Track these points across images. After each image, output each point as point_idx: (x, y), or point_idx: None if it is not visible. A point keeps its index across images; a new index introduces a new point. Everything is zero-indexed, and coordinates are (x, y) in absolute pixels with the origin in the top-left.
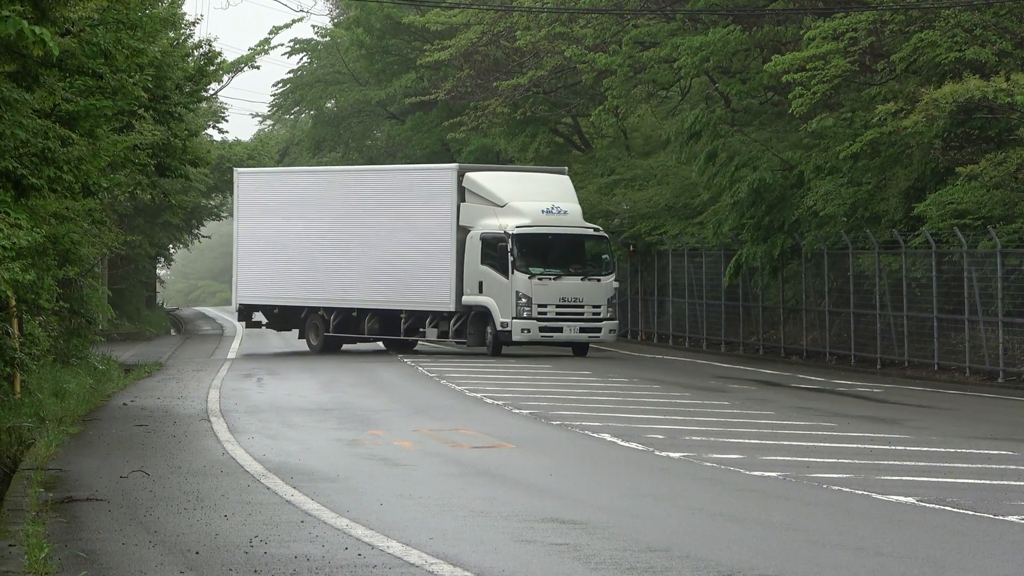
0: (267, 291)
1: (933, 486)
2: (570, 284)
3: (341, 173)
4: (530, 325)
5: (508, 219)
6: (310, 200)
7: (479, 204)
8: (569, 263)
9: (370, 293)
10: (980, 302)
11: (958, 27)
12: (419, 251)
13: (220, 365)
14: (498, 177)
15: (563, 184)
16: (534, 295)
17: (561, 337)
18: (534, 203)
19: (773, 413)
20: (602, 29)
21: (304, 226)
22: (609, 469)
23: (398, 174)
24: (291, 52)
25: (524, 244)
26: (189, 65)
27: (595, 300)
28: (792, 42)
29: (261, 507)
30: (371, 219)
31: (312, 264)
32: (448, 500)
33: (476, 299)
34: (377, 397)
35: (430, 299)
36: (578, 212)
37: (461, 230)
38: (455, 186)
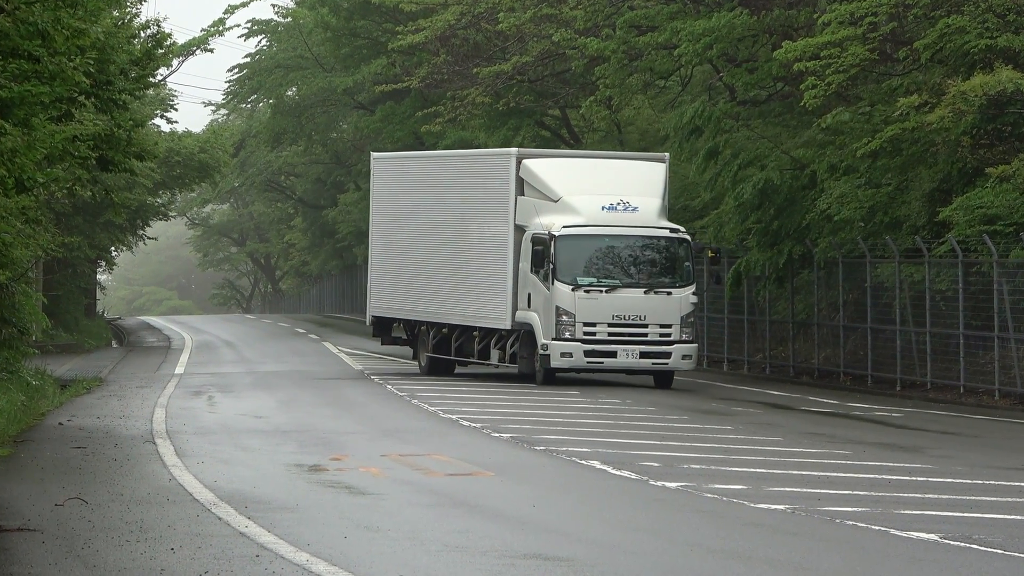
0: (393, 301)
1: (958, 521)
2: (628, 298)
3: (433, 159)
4: (572, 348)
5: (558, 217)
6: (419, 191)
7: (535, 198)
8: (631, 272)
9: (453, 306)
10: (1012, 317)
11: (989, 12)
12: (481, 255)
13: (167, 381)
14: (559, 165)
15: (647, 174)
16: (578, 311)
17: (614, 364)
18: (594, 197)
19: (781, 439)
20: (594, 11)
21: (413, 221)
22: (598, 500)
23: (455, 161)
24: (248, 34)
25: (569, 248)
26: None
27: (663, 318)
28: (805, 27)
29: (212, 539)
30: (441, 215)
31: (414, 268)
32: (419, 533)
33: (525, 315)
34: (341, 418)
35: (490, 314)
36: (655, 208)
37: (518, 230)
38: (513, 176)
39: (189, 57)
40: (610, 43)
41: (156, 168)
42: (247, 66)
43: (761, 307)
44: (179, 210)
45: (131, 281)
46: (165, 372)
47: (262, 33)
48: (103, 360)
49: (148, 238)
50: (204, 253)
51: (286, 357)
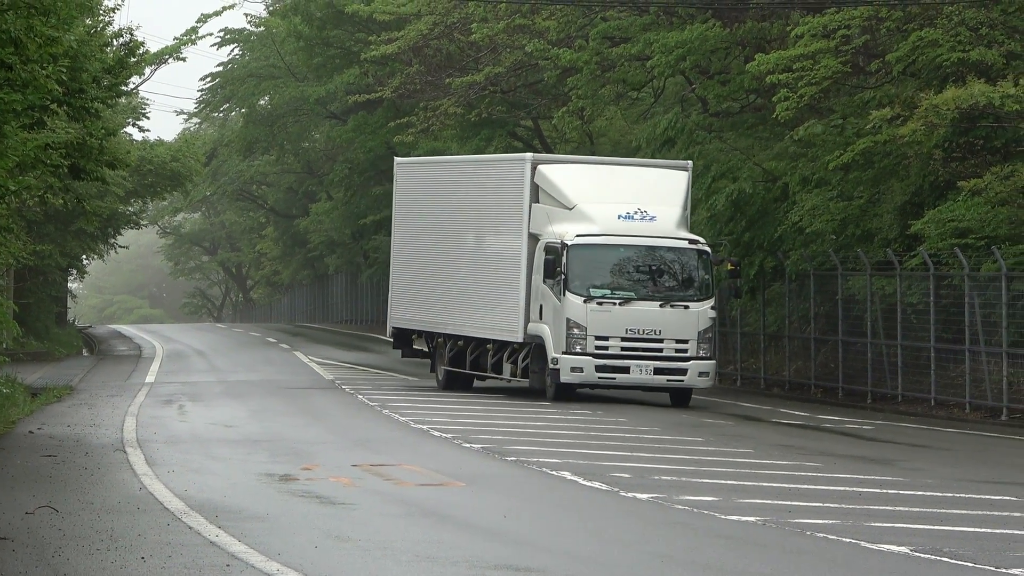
0: (412, 311)
1: (928, 534)
2: (643, 311)
3: (457, 164)
4: (583, 363)
5: (572, 225)
6: (437, 198)
7: (549, 206)
8: (647, 284)
9: (467, 317)
10: (983, 331)
11: (961, 25)
12: (495, 264)
13: (137, 390)
14: (575, 171)
15: (668, 182)
16: (590, 324)
17: (627, 380)
18: (610, 205)
19: (752, 451)
20: (567, 22)
21: (431, 228)
22: (569, 511)
23: (471, 167)
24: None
25: (582, 258)
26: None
27: (680, 332)
28: (778, 40)
29: (182, 548)
30: (457, 222)
31: (432, 277)
32: (390, 543)
33: (536, 327)
34: (312, 428)
35: (503, 326)
36: (674, 218)
37: (531, 238)
38: (527, 182)
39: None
40: (583, 54)
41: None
42: (219, 75)
43: (732, 319)
44: (151, 219)
45: (102, 290)
46: (136, 381)
47: (235, 42)
48: (74, 368)
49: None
50: (175, 262)
51: (257, 366)
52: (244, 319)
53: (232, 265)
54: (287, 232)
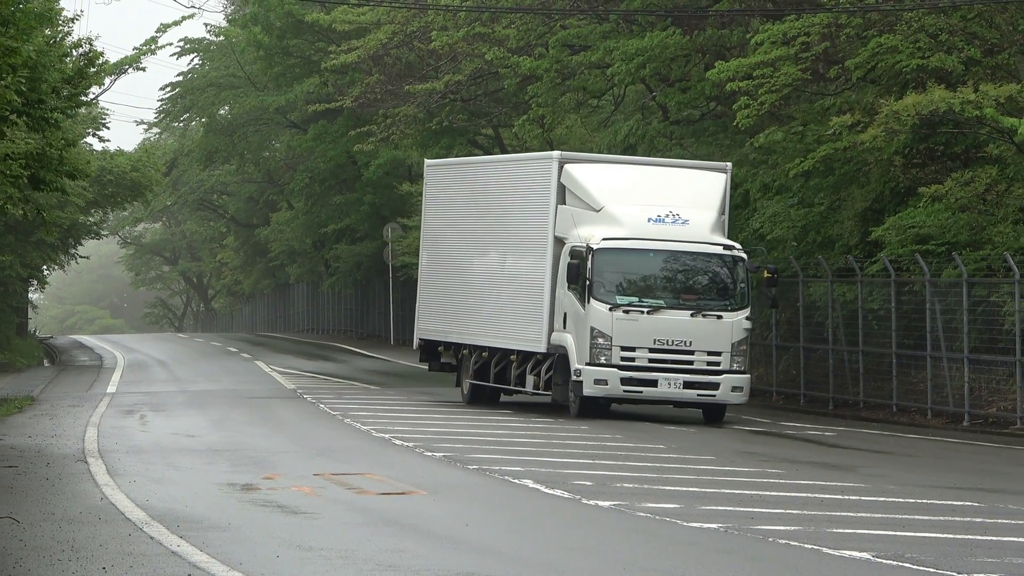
0: (438, 321)
1: (891, 540)
2: (672, 320)
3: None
4: (607, 375)
5: (599, 228)
6: (463, 201)
7: (576, 207)
8: (678, 292)
9: (491, 326)
10: (944, 337)
11: (921, 32)
12: (519, 270)
13: (99, 400)
14: (604, 171)
15: (703, 184)
16: (615, 333)
17: (654, 394)
18: (640, 208)
19: (714, 458)
20: (527, 30)
21: (457, 233)
22: (531, 519)
23: (497, 167)
24: (181, 53)
25: (608, 263)
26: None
27: (712, 344)
28: (738, 47)
29: (144, 558)
30: (482, 226)
31: (457, 284)
32: (352, 552)
33: (559, 336)
34: (274, 437)
35: (527, 336)
36: (708, 222)
37: (557, 242)
38: (554, 182)
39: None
40: (543, 62)
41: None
42: (179, 85)
43: None
44: (111, 229)
45: (63, 300)
46: (97, 391)
47: (194, 52)
48: (35, 379)
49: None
50: (136, 272)
51: (218, 376)
52: (205, 329)
53: (193, 275)
54: (248, 242)
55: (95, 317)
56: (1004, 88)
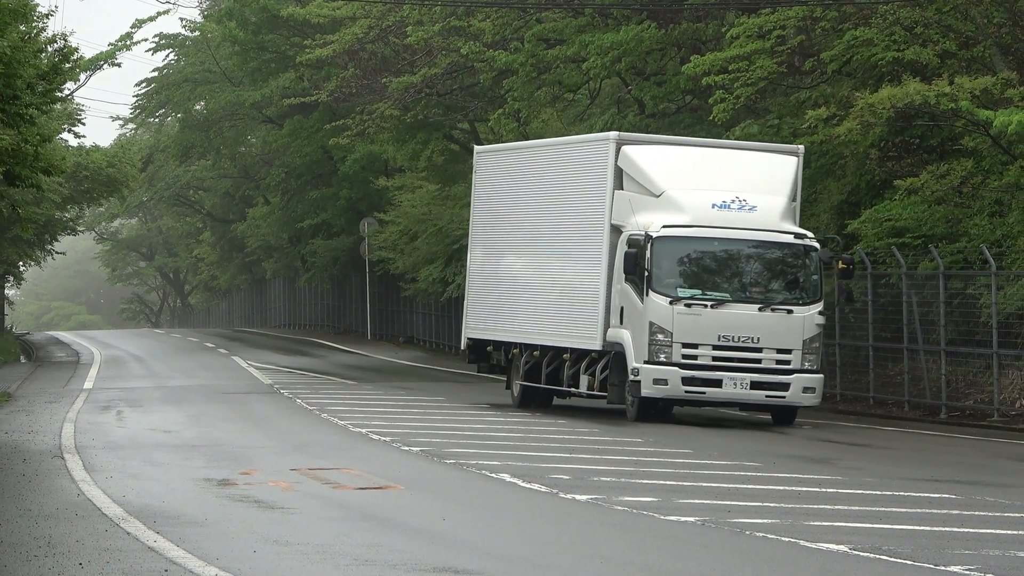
0: (487, 319)
1: (867, 532)
2: (738, 315)
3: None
4: (667, 374)
5: (659, 215)
6: (514, 189)
7: (634, 193)
8: (745, 284)
9: (543, 323)
10: (920, 329)
11: (896, 24)
12: (573, 261)
13: (76, 396)
14: (664, 154)
15: (773, 168)
16: (676, 329)
17: (719, 395)
18: (704, 193)
19: (691, 451)
20: (502, 24)
21: (507, 224)
22: (508, 513)
23: (550, 151)
24: (156, 48)
25: (669, 252)
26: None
27: (782, 341)
28: (713, 41)
29: (120, 554)
30: (534, 215)
31: (507, 279)
32: (329, 547)
33: (616, 332)
34: (251, 433)
35: (581, 333)
36: (778, 209)
37: (614, 231)
38: (610, 166)
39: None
40: (518, 56)
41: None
42: (155, 80)
43: None
44: (87, 225)
45: (40, 296)
46: (74, 387)
47: (170, 47)
48: (11, 375)
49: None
50: (113, 268)
51: (195, 372)
52: (182, 324)
53: (170, 270)
54: (224, 237)
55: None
56: (979, 81)
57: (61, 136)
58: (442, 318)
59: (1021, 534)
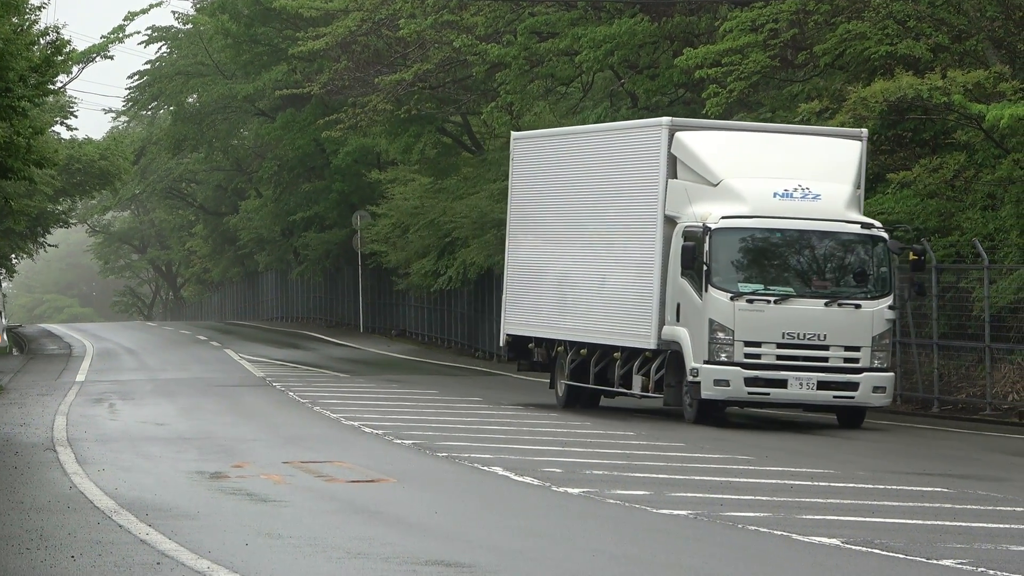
0: (528, 314)
1: (860, 526)
2: (804, 311)
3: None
4: (729, 375)
5: (717, 205)
6: (557, 177)
7: (690, 181)
8: (810, 277)
9: (591, 320)
10: (913, 323)
11: (889, 18)
12: (623, 254)
13: (68, 388)
14: (721, 140)
15: (836, 154)
16: (738, 326)
17: (784, 396)
18: (764, 181)
19: (683, 445)
20: (495, 17)
21: (550, 214)
22: (501, 506)
23: (598, 137)
24: (148, 41)
25: (729, 245)
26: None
27: (850, 338)
28: (706, 34)
29: (113, 547)
30: (580, 205)
31: (550, 272)
32: (321, 540)
33: (672, 330)
34: (243, 425)
35: (633, 330)
36: (843, 197)
37: (668, 222)
38: (664, 153)
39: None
40: (511, 49)
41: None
42: (147, 73)
43: None
44: (80, 217)
45: (32, 288)
46: (66, 380)
47: (162, 40)
48: (3, 368)
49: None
50: (105, 260)
51: (188, 364)
52: (174, 317)
53: (162, 263)
54: (217, 230)
55: (64, 306)
56: (972, 74)
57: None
58: (434, 311)
59: (1013, 528)
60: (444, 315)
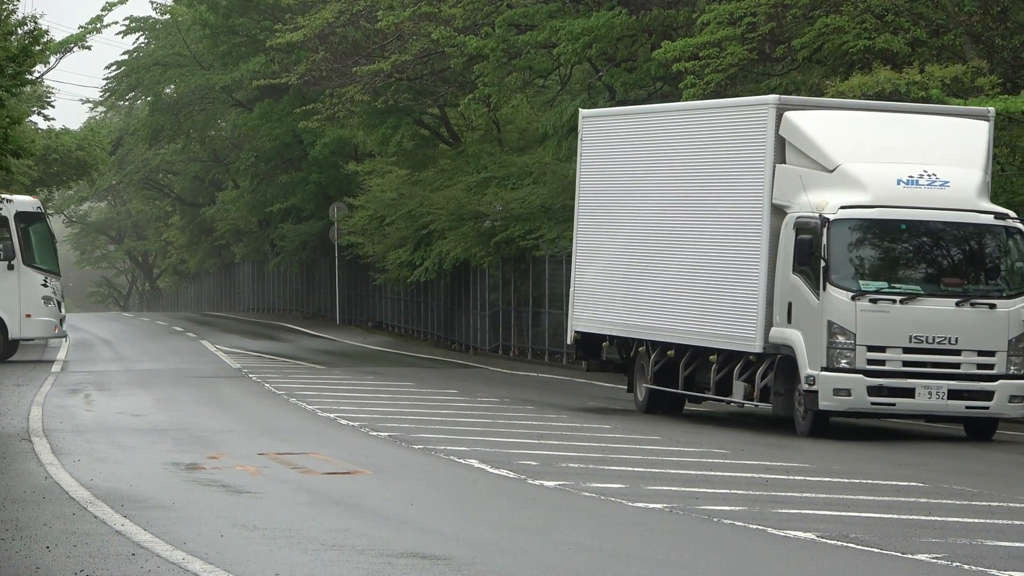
0: (602, 311)
1: (835, 520)
2: (933, 312)
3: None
4: (850, 383)
5: (834, 193)
6: (639, 161)
7: (801, 167)
8: (939, 274)
9: (681, 319)
10: None
11: (867, 12)
12: (721, 248)
13: (43, 379)
14: (836, 121)
15: (963, 136)
16: (860, 329)
17: (911, 406)
18: (886, 166)
19: (659, 438)
20: (473, 9)
21: (631, 201)
22: (476, 499)
23: (689, 118)
24: (126, 31)
25: (850, 238)
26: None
27: (983, 341)
28: (684, 27)
29: (88, 538)
30: (668, 192)
31: (630, 266)
32: (297, 532)
33: (782, 334)
34: (219, 417)
35: (733, 332)
36: (973, 184)
37: (775, 212)
38: (771, 136)
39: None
40: (489, 41)
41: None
42: (125, 63)
43: None
44: (56, 208)
45: None
46: (42, 370)
47: (140, 30)
48: None
49: None
50: (82, 251)
51: (164, 355)
52: (151, 308)
53: (139, 254)
54: (194, 221)
55: None
56: (950, 69)
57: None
58: (411, 303)
59: (988, 523)
60: (420, 307)
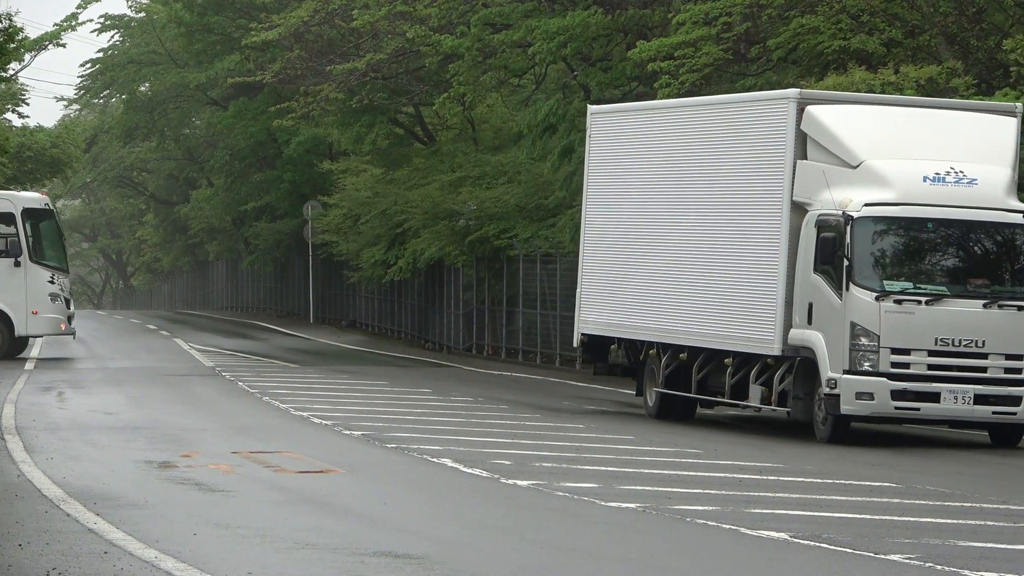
0: (610, 313)
1: (808, 520)
2: (959, 313)
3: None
4: (874, 386)
5: (858, 190)
6: (650, 158)
7: (823, 163)
8: (966, 275)
9: (694, 320)
10: None
11: (843, 13)
12: (738, 247)
13: (16, 377)
14: (859, 115)
15: (991, 132)
16: (884, 331)
17: (936, 411)
18: (912, 163)
19: (633, 438)
20: (449, 8)
21: (641, 199)
22: (449, 498)
23: (704, 113)
24: (101, 29)
25: (874, 236)
26: None
27: (1012, 345)
28: (659, 27)
29: (60, 536)
30: (681, 190)
31: (641, 266)
32: (269, 530)
33: (802, 335)
34: (192, 415)
35: (750, 333)
36: (1002, 182)
37: (795, 209)
38: (791, 131)
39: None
40: (464, 40)
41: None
42: (100, 61)
43: None
44: None
45: None
46: (15, 368)
47: (115, 28)
48: None
49: None
50: None
51: (137, 353)
52: (124, 306)
53: (112, 252)
54: (167, 219)
55: None
56: (925, 70)
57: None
58: (385, 302)
59: (961, 523)
60: (394, 306)
